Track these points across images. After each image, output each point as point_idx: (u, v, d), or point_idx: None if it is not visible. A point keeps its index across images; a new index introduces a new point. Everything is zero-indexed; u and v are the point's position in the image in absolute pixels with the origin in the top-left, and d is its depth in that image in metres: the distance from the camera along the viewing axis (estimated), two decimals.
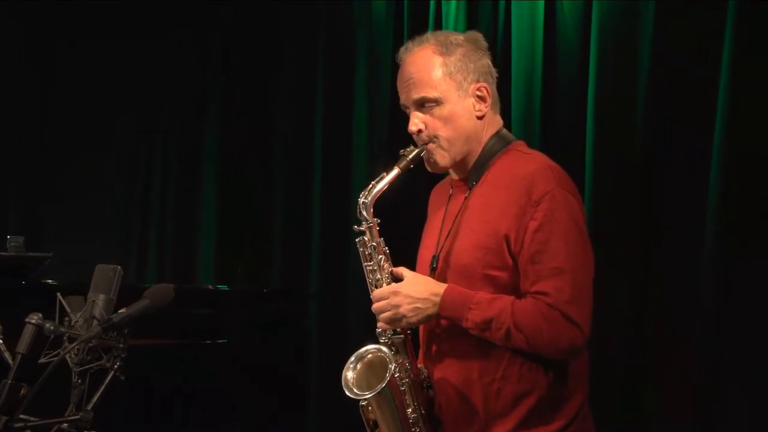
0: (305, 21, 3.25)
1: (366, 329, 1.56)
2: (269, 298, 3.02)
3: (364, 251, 1.52)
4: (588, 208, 2.41)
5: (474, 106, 1.53)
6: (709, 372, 2.24)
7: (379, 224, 1.51)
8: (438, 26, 2.77)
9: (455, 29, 2.65)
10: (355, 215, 1.51)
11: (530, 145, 2.53)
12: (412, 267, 1.56)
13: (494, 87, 1.56)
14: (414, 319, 1.47)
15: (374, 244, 1.50)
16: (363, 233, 1.51)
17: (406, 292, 1.46)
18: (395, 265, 1.52)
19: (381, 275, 1.50)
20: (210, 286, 3.22)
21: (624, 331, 2.37)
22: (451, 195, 1.59)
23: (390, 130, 2.97)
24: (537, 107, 2.60)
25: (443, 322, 1.50)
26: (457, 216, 1.53)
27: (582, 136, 2.50)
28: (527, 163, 1.51)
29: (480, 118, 1.53)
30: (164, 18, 3.55)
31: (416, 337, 1.57)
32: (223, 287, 3.06)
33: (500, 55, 2.68)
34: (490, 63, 1.56)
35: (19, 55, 3.63)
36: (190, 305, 2.70)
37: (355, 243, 1.52)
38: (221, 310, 2.77)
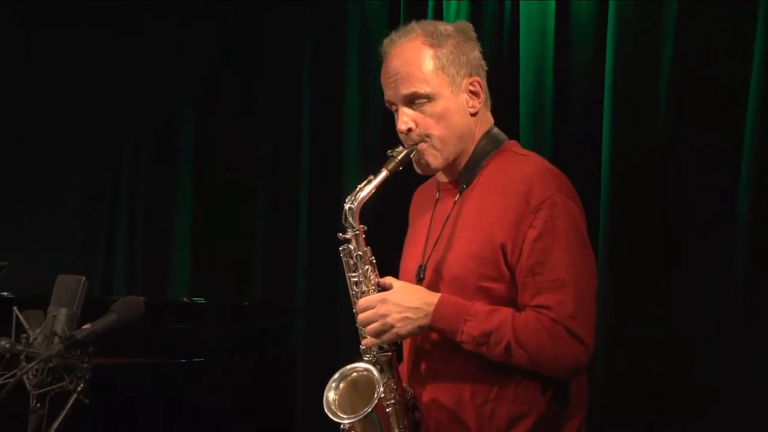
0: (292, 17, 3.29)
1: (358, 347, 1.59)
2: (251, 312, 3.03)
3: (348, 261, 1.54)
4: (604, 210, 2.45)
5: (467, 102, 1.55)
6: (729, 377, 2.28)
7: (365, 232, 1.53)
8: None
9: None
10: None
11: (541, 143, 2.59)
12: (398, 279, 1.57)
13: (485, 81, 1.58)
14: (403, 330, 1.48)
15: (360, 253, 1.52)
16: (348, 241, 1.53)
17: (395, 300, 1.48)
18: (382, 275, 1.54)
19: (367, 287, 1.52)
20: (185, 299, 3.23)
21: (641, 334, 2.40)
22: (437, 199, 1.61)
23: (384, 130, 3.00)
24: (548, 102, 2.62)
25: (433, 335, 1.52)
26: (446, 222, 1.55)
27: (597, 134, 2.52)
28: (523, 166, 1.53)
29: (473, 115, 1.56)
30: (138, 15, 3.58)
31: (399, 353, 1.59)
32: (200, 300, 3.07)
33: (507, 46, 2.70)
34: (480, 55, 1.58)
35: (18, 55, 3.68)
36: (162, 320, 2.70)
37: (339, 252, 1.54)
38: (197, 326, 2.79)
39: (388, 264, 1.63)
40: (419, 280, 1.55)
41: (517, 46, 2.69)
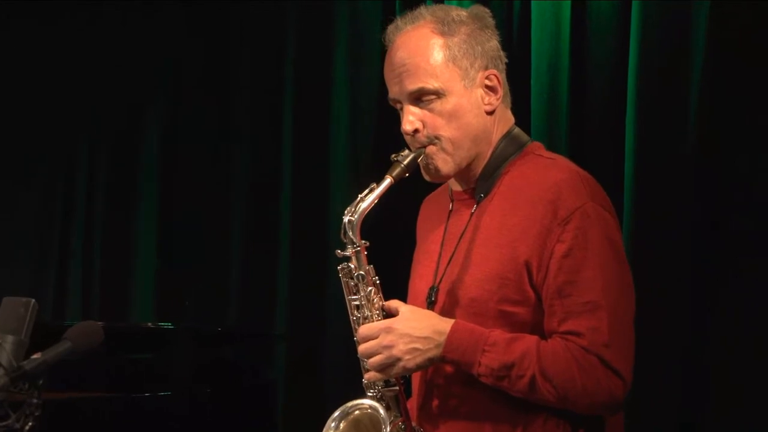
0: (273, 15, 3.29)
1: (347, 380, 1.55)
2: (225, 339, 3.03)
3: (348, 282, 1.50)
4: (627, 220, 2.42)
5: (483, 99, 1.52)
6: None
7: (367, 248, 1.49)
8: None
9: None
10: (334, 235, 1.49)
11: (556, 147, 2.56)
12: (406, 301, 1.53)
13: (504, 75, 1.55)
14: (411, 364, 1.44)
15: (362, 272, 1.48)
16: (348, 259, 1.49)
17: (402, 329, 1.44)
18: (387, 298, 1.50)
19: (370, 311, 1.48)
20: (149, 324, 3.21)
21: (671, 351, 2.39)
22: (451, 211, 1.58)
23: (377, 135, 2.97)
24: (563, 103, 2.60)
25: (447, 368, 1.48)
26: (461, 238, 1.52)
27: (620, 136, 2.50)
28: (550, 172, 1.50)
29: (490, 113, 1.53)
30: (98, 8, 3.57)
31: (408, 386, 1.56)
32: (166, 326, 3.04)
33: (517, 34, 2.68)
34: (498, 45, 1.55)
35: None
36: (123, 348, 2.69)
37: (337, 271, 1.51)
38: (163, 355, 2.76)
39: (395, 284, 1.59)
40: (430, 304, 1.52)
41: (528, 44, 2.68)
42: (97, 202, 3.58)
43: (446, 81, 1.48)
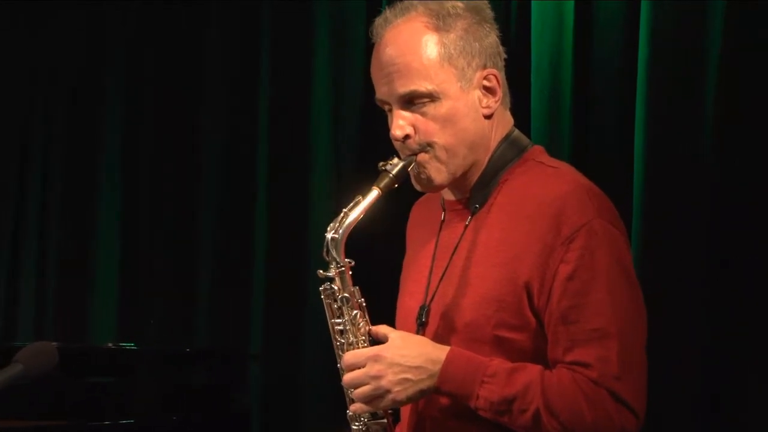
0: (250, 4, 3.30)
1: (328, 405, 1.54)
2: (193, 360, 3.01)
3: (331, 304, 1.49)
4: (636, 232, 2.42)
5: (480, 102, 1.51)
6: None
7: (352, 267, 1.48)
8: None
9: None
10: (314, 245, 1.48)
11: (557, 149, 2.56)
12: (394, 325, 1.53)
13: (503, 74, 1.54)
14: (402, 396, 1.43)
15: (346, 294, 1.47)
16: (331, 280, 1.48)
17: (392, 357, 1.43)
18: (374, 323, 1.49)
19: (355, 337, 1.47)
20: (110, 345, 3.19)
21: (683, 371, 2.39)
22: (443, 221, 1.57)
23: (360, 135, 2.94)
24: (567, 102, 2.60)
25: (442, 399, 1.47)
26: (454, 252, 1.51)
27: (629, 139, 2.50)
28: (553, 183, 1.49)
29: (488, 117, 1.52)
30: None
31: (396, 413, 1.55)
32: (129, 346, 3.04)
33: (515, 27, 2.68)
34: (498, 41, 1.55)
35: None
36: (81, 372, 2.67)
37: (319, 293, 1.49)
38: (126, 379, 2.75)
39: (382, 307, 1.58)
40: (420, 324, 1.52)
41: (528, 37, 2.67)
42: (52, 209, 3.55)
43: (441, 82, 1.47)
